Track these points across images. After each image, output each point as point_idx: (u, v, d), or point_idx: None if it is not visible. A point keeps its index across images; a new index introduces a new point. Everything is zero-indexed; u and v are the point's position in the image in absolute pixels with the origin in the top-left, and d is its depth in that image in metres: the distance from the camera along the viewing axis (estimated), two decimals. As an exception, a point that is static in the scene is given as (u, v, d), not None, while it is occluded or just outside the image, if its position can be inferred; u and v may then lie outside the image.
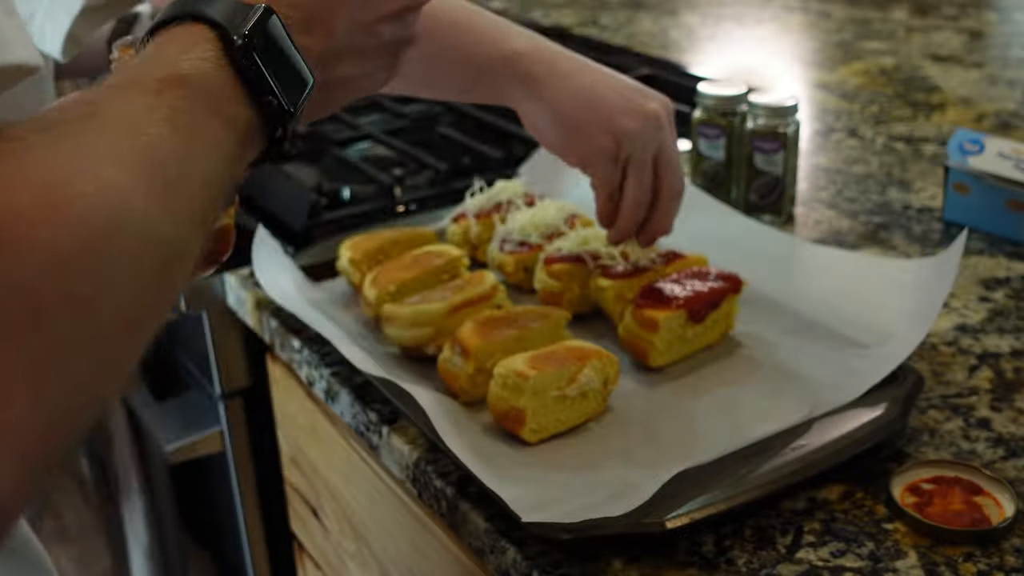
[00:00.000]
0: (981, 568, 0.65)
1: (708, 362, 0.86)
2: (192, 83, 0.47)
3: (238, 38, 0.50)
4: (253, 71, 0.50)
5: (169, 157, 0.44)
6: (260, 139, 0.52)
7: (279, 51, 0.52)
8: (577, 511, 0.67)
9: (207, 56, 0.49)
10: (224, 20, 0.50)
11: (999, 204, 1.05)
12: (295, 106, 0.52)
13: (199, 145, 0.47)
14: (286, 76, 0.52)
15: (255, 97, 0.50)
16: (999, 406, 0.81)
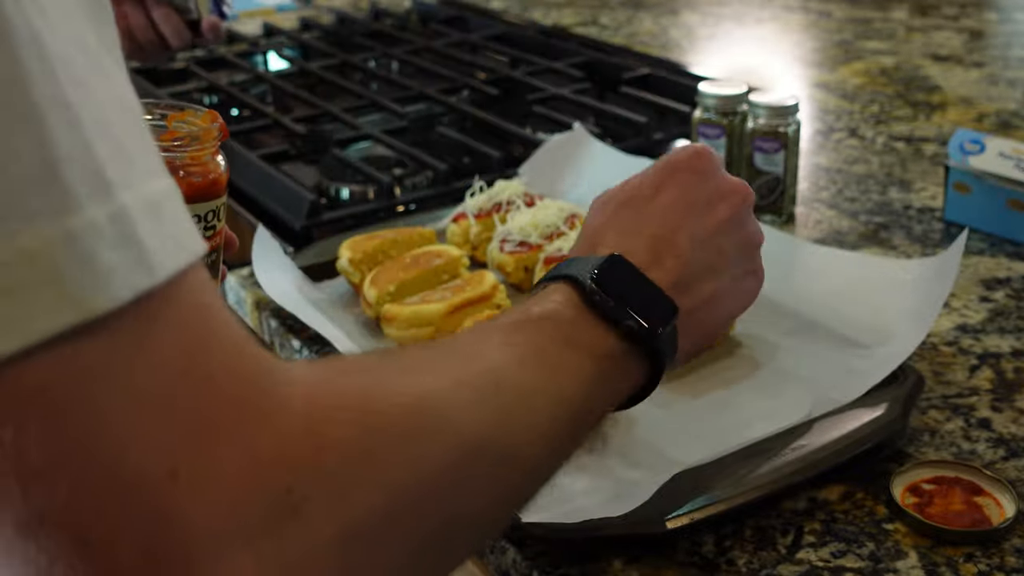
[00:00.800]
0: (982, 568, 0.65)
1: (708, 362, 0.86)
2: (542, 319, 0.53)
3: (589, 280, 0.55)
4: (607, 302, 0.55)
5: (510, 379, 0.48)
6: (636, 367, 0.56)
7: (630, 284, 0.56)
8: (577, 511, 0.67)
9: (560, 300, 0.55)
10: (576, 272, 0.56)
11: (1000, 204, 1.05)
12: (662, 326, 0.56)
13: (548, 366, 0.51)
14: (645, 303, 0.56)
15: (616, 325, 0.55)
16: (1000, 406, 0.80)
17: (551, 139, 1.21)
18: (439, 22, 1.95)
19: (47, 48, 0.33)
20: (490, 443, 0.45)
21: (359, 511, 0.38)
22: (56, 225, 0.32)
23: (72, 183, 0.32)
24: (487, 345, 0.50)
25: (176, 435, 0.34)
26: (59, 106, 0.33)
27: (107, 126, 0.34)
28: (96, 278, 0.32)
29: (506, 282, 0.97)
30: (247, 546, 0.34)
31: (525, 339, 0.51)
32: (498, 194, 1.05)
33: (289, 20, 2.01)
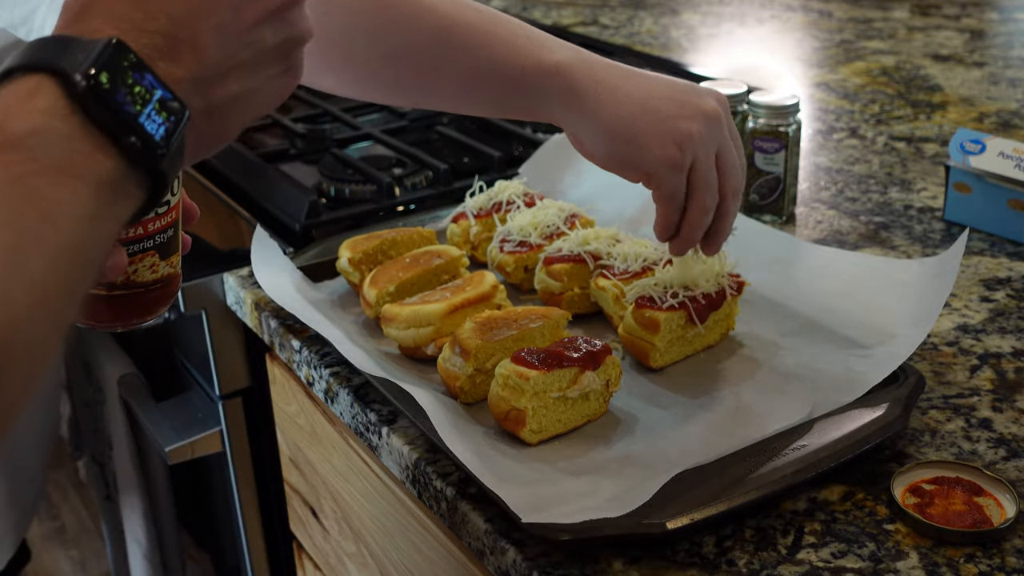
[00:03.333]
0: (982, 569, 0.65)
1: (709, 362, 0.86)
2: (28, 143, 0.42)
3: (81, 79, 0.43)
4: (106, 114, 0.43)
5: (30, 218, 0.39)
6: (136, 185, 0.46)
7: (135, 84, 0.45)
8: (577, 512, 0.67)
9: (45, 108, 0.43)
10: (61, 62, 0.44)
11: (1000, 204, 1.05)
12: (167, 143, 0.46)
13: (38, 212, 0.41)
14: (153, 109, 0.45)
15: (115, 142, 0.44)
16: (1000, 406, 0.80)
17: (551, 139, 1.21)
18: (439, 22, 1.95)
19: None
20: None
21: None
22: None
23: None
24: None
25: None
26: None
27: None
28: None
29: (506, 282, 0.97)
30: None
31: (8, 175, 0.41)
32: (498, 194, 1.04)
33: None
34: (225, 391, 1.13)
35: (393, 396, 0.80)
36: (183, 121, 0.47)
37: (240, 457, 1.16)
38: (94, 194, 0.43)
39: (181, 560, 1.36)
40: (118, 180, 0.44)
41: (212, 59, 0.49)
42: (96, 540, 2.19)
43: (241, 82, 0.51)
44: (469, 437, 0.76)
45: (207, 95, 0.49)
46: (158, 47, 0.47)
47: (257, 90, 0.52)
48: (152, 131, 0.45)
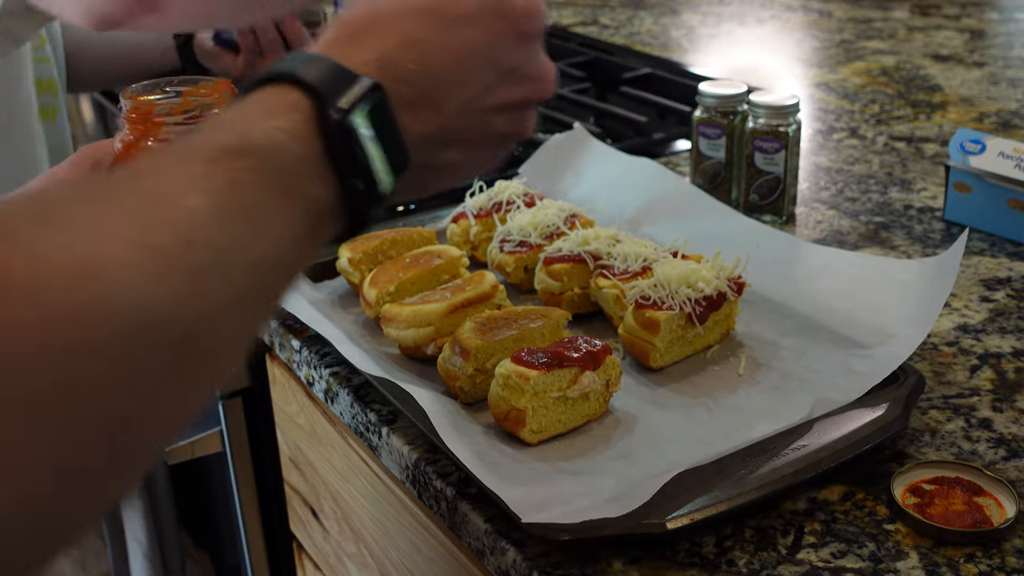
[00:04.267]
0: (982, 569, 0.65)
1: (709, 362, 0.86)
2: (261, 154, 0.42)
3: (335, 112, 0.44)
4: (345, 153, 0.44)
5: (201, 236, 0.39)
6: (338, 219, 0.47)
7: (379, 133, 0.46)
8: (577, 512, 0.67)
9: (289, 126, 0.44)
10: (322, 87, 0.45)
11: (1000, 204, 1.05)
12: (384, 194, 0.47)
13: (252, 224, 0.41)
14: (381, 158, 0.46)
15: (340, 178, 0.45)
16: (1000, 406, 0.80)
17: (551, 139, 1.21)
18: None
19: None
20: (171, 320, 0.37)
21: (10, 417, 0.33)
22: None
23: None
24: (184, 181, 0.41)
25: None
26: None
27: None
28: None
29: (506, 282, 0.97)
30: None
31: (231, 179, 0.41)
32: (498, 194, 1.04)
33: (289, 20, 2.01)
34: (225, 391, 1.12)
35: (393, 396, 0.80)
36: (403, 172, 0.48)
37: (240, 457, 1.16)
38: (304, 219, 0.44)
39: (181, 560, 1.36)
40: (327, 211, 0.45)
41: (448, 126, 0.51)
42: (96, 540, 2.19)
43: (460, 153, 0.53)
44: (469, 437, 0.76)
45: (429, 155, 0.50)
46: (408, 99, 0.48)
47: (467, 163, 0.55)
48: (376, 178, 0.46)
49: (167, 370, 0.38)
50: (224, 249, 0.40)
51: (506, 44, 0.53)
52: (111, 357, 0.35)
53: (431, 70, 0.49)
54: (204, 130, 0.44)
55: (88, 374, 0.34)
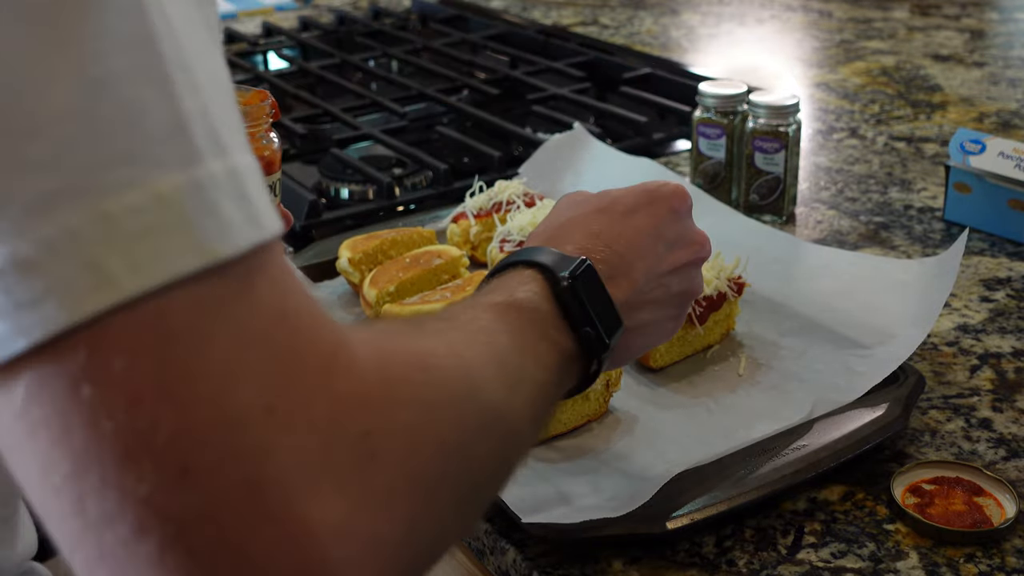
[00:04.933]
0: (982, 569, 0.65)
1: (709, 362, 0.86)
2: (525, 309, 0.56)
3: (564, 279, 0.58)
4: (575, 305, 0.57)
5: (511, 361, 0.51)
6: (578, 369, 0.58)
7: (594, 294, 0.59)
8: (577, 512, 0.67)
9: (537, 291, 0.57)
10: (552, 264, 0.59)
11: (1000, 204, 1.05)
12: (610, 339, 0.59)
13: (531, 359, 0.53)
14: (601, 314, 0.59)
15: (575, 329, 0.57)
16: (1000, 406, 0.80)
17: (551, 139, 1.21)
18: (439, 22, 1.95)
19: (169, 14, 0.36)
20: (503, 416, 0.48)
21: (422, 459, 0.41)
22: (185, 174, 0.35)
23: (196, 138, 0.36)
24: (486, 323, 0.53)
25: (273, 373, 0.36)
26: (183, 68, 0.36)
27: (215, 95, 0.37)
28: (219, 227, 0.35)
29: (506, 282, 0.96)
30: (335, 483, 0.37)
31: (511, 325, 0.54)
32: (498, 194, 1.05)
33: (289, 20, 2.01)
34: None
35: (393, 396, 0.79)
36: (619, 330, 0.60)
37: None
38: (558, 360, 0.56)
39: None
40: (570, 359, 0.57)
41: (638, 289, 0.64)
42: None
43: (651, 313, 0.66)
44: (469, 437, 0.76)
45: (629, 317, 0.63)
46: (606, 273, 0.61)
47: (658, 323, 0.67)
48: (601, 330, 0.58)
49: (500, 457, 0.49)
50: (522, 370, 0.52)
51: (665, 221, 0.67)
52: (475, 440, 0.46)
53: (616, 250, 0.64)
54: (480, 294, 0.57)
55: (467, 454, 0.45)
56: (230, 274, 0.36)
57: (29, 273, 0.33)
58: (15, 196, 0.33)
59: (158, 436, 0.34)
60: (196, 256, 0.35)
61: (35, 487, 0.35)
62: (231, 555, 0.34)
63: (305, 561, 0.35)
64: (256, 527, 0.35)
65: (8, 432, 0.35)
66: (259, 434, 0.35)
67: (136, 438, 0.34)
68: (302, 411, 0.37)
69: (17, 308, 0.33)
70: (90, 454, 0.34)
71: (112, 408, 0.34)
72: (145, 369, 0.34)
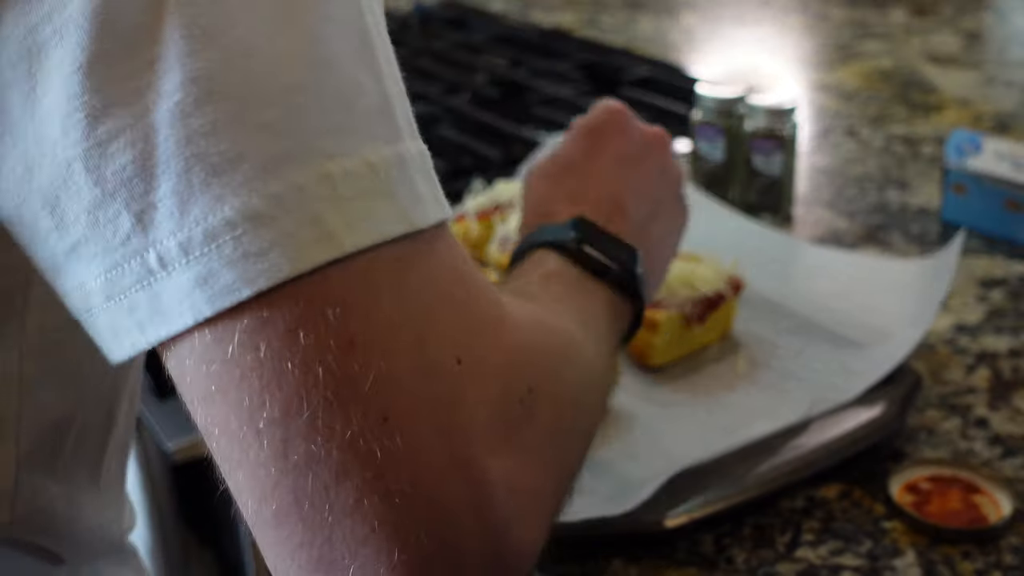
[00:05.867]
0: (979, 567, 0.66)
1: (708, 362, 0.87)
2: (560, 276, 0.58)
3: (571, 244, 0.60)
4: (592, 260, 0.60)
5: (585, 321, 0.55)
6: (625, 306, 0.61)
7: (601, 240, 0.61)
8: (576, 510, 0.67)
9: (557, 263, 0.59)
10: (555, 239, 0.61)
11: (997, 205, 1.06)
12: (635, 271, 0.61)
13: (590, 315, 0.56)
14: (615, 256, 0.60)
15: (602, 277, 0.60)
16: (997, 405, 0.81)
17: (551, 139, 1.21)
18: (440, 24, 1.95)
19: (376, 10, 0.41)
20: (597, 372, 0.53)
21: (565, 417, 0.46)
22: (390, 148, 0.39)
23: (398, 119, 0.40)
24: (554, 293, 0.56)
25: (459, 326, 0.40)
26: (387, 60, 0.41)
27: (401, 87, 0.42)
28: (415, 199, 0.39)
29: (506, 282, 0.97)
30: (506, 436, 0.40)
31: (564, 291, 0.57)
32: (498, 194, 1.05)
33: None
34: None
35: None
36: (637, 256, 0.62)
37: (241, 456, 1.16)
38: (607, 307, 0.59)
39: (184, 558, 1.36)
40: (616, 301, 0.60)
41: (634, 215, 0.65)
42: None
43: (656, 224, 0.67)
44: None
45: (641, 239, 0.64)
46: (603, 217, 0.63)
47: (666, 230, 0.69)
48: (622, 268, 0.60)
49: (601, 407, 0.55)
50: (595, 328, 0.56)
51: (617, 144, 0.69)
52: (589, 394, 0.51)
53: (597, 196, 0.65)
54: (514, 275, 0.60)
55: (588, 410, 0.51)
56: (420, 240, 0.39)
57: (259, 225, 0.36)
58: (249, 155, 0.36)
59: (364, 382, 0.36)
60: (399, 222, 0.38)
61: (233, 434, 0.37)
62: (422, 500, 0.36)
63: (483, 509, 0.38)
64: (446, 473, 0.37)
65: (212, 379, 0.37)
66: (450, 383, 0.38)
67: (346, 383, 0.36)
68: (483, 363, 0.40)
69: (244, 258, 0.36)
70: (301, 398, 0.36)
71: (325, 354, 0.36)
72: (356, 319, 0.37)
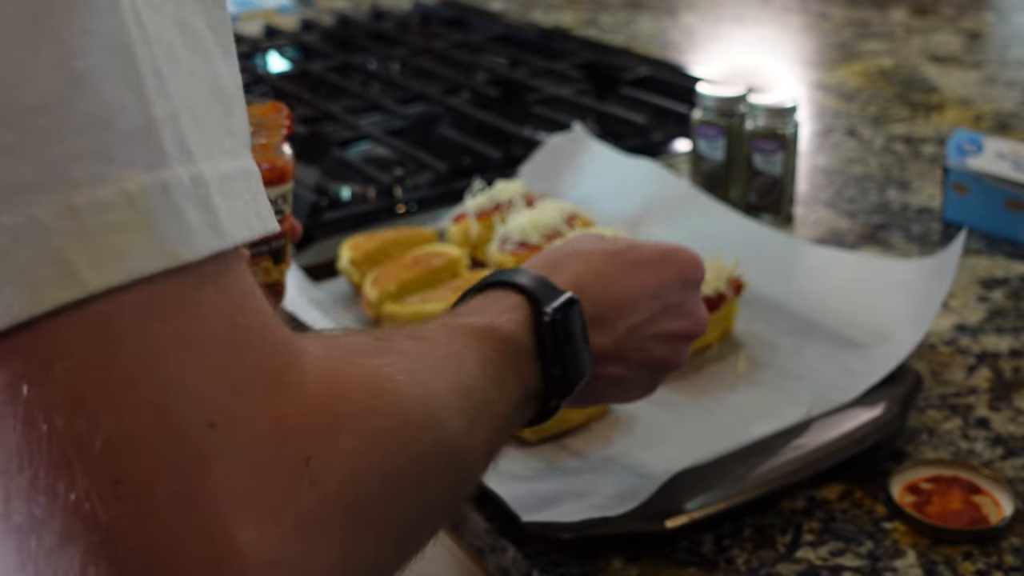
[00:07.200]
0: (980, 567, 0.66)
1: (708, 362, 0.87)
2: (504, 339, 0.54)
3: (548, 313, 0.56)
4: (551, 343, 0.56)
5: (476, 392, 0.50)
6: (534, 406, 0.58)
7: (573, 335, 0.58)
8: (577, 510, 0.67)
9: (519, 322, 0.56)
10: (538, 293, 0.57)
11: (998, 204, 1.06)
12: (573, 385, 0.58)
13: (499, 391, 0.53)
14: (572, 358, 0.57)
15: (545, 367, 0.56)
16: (998, 406, 0.81)
17: (551, 139, 1.21)
18: (439, 23, 1.95)
19: (144, 19, 0.36)
20: (459, 450, 0.47)
21: (364, 489, 0.40)
22: (152, 176, 0.35)
23: (165, 142, 0.35)
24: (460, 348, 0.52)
25: (217, 388, 0.36)
26: (155, 74, 0.36)
27: (192, 103, 0.37)
28: (181, 231, 0.35)
29: (506, 282, 0.97)
30: (270, 508, 0.36)
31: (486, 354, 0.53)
32: (498, 194, 1.05)
33: (290, 21, 2.02)
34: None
35: (394, 395, 0.80)
36: (586, 377, 0.59)
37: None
38: (523, 395, 0.55)
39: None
40: (532, 395, 0.56)
41: (618, 343, 0.62)
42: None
43: (626, 370, 0.64)
44: (470, 436, 0.76)
45: (602, 366, 0.61)
46: (592, 315, 0.60)
47: (629, 383, 0.66)
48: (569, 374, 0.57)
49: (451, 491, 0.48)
50: (486, 403, 0.51)
51: (671, 285, 0.65)
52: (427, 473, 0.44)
53: (611, 296, 0.62)
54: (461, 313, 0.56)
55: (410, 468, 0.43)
56: (185, 280, 0.35)
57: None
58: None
59: (95, 442, 0.33)
60: (156, 257, 0.34)
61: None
62: (156, 569, 0.33)
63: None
64: (184, 543, 0.34)
65: None
66: (197, 448, 0.34)
67: (72, 443, 0.33)
68: (243, 430, 0.36)
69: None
70: (23, 456, 0.33)
71: (50, 411, 0.33)
72: (88, 372, 0.33)
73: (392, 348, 0.47)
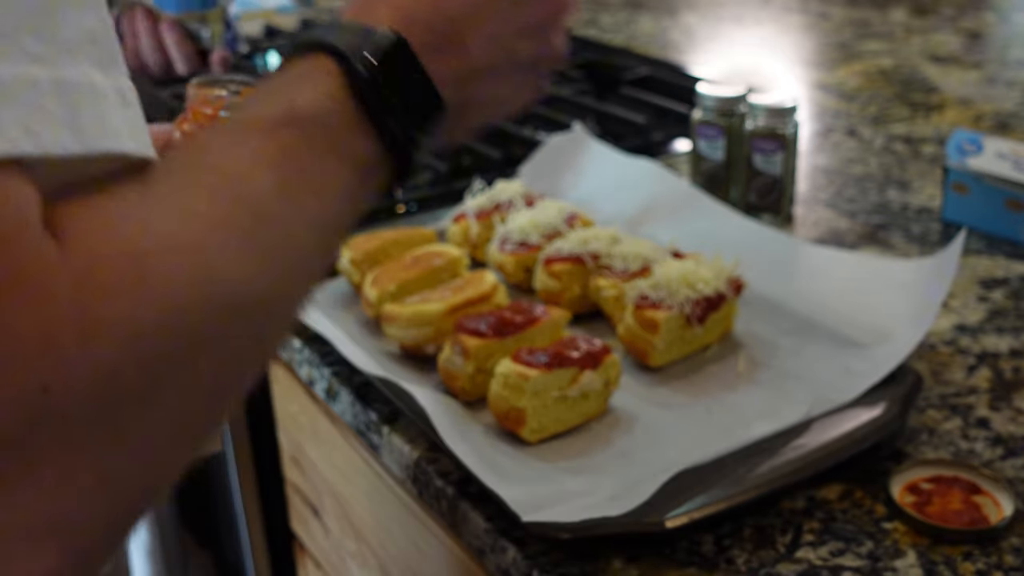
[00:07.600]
0: (980, 567, 0.66)
1: (708, 362, 0.87)
2: (308, 121, 0.46)
3: (364, 70, 0.48)
4: (377, 104, 0.48)
5: (272, 209, 0.43)
6: (385, 169, 0.50)
7: (407, 79, 0.49)
8: (577, 511, 0.67)
9: (327, 91, 0.48)
10: (349, 50, 0.48)
11: (998, 204, 1.06)
12: (425, 131, 0.50)
13: (310, 187, 0.45)
14: (415, 103, 0.49)
15: (378, 129, 0.48)
16: (998, 406, 0.81)
17: (551, 139, 1.21)
18: (439, 23, 1.95)
19: None
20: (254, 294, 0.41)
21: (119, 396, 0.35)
22: None
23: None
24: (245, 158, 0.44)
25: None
26: None
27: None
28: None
29: (506, 282, 0.97)
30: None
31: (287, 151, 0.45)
32: (498, 194, 1.05)
33: (290, 21, 2.02)
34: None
35: (394, 395, 0.80)
36: (438, 114, 0.51)
37: (241, 455, 1.17)
38: (353, 175, 0.48)
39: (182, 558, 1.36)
40: (374, 163, 0.49)
41: (474, 61, 0.53)
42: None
43: (493, 86, 0.56)
44: (469, 436, 0.76)
45: (463, 92, 0.53)
46: (431, 44, 0.51)
47: (504, 97, 0.58)
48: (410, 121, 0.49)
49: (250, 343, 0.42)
50: (290, 218, 0.44)
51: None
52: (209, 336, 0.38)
53: (446, 13, 0.53)
54: (251, 103, 0.48)
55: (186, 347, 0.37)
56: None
57: None
58: None
59: None
60: None
61: None
62: None
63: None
64: None
65: None
66: None
67: None
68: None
69: None
70: None
71: None
72: None
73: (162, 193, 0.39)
